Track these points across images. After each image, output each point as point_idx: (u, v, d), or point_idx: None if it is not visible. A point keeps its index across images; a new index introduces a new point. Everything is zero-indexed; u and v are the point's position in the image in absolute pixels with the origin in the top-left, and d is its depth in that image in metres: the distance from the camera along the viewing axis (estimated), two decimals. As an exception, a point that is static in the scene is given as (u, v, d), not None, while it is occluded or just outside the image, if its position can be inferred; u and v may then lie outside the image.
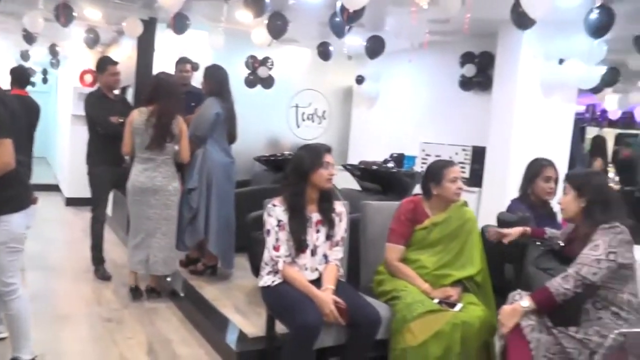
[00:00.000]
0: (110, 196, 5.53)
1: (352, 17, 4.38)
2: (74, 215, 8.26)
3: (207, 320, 4.04)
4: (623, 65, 5.99)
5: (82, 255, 5.38)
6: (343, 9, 4.30)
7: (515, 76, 5.19)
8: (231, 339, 3.67)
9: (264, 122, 7.69)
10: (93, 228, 5.07)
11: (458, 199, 3.26)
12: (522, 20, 4.14)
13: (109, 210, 5.46)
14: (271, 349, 3.30)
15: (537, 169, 3.68)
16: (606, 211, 2.72)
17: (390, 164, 6.61)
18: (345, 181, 7.18)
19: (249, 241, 3.76)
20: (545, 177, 3.62)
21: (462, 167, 5.94)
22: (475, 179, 5.83)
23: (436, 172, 3.25)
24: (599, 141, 9.13)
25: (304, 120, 8.17)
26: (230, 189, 4.90)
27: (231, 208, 4.88)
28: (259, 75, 7.19)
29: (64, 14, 5.49)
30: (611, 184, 8.75)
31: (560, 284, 2.62)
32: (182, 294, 4.59)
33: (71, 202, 8.99)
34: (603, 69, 6.30)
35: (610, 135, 9.87)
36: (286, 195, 3.06)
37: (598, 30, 4.43)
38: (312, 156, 3.05)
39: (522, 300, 2.69)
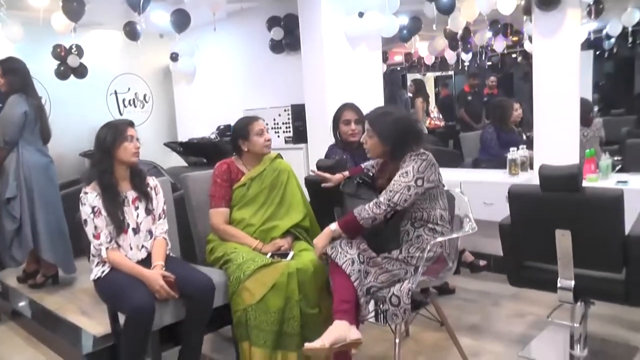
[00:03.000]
0: None
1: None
2: None
3: (52, 332, 3.88)
4: (422, 14, 6.39)
5: None
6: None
7: (320, 33, 5.32)
8: (78, 343, 3.57)
9: (85, 114, 7.26)
10: None
11: (269, 150, 3.37)
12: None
13: None
14: (119, 343, 3.19)
15: (337, 114, 3.89)
16: (406, 146, 2.87)
17: (212, 135, 6.63)
18: (175, 161, 7.15)
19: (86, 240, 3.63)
20: (344, 120, 3.82)
21: (287, 127, 6.12)
22: (300, 135, 6.02)
23: (242, 128, 3.33)
24: (417, 84, 9.81)
25: (125, 106, 7.90)
26: (54, 190, 4.62)
27: (59, 210, 4.63)
28: (69, 65, 6.79)
29: None
30: (436, 121, 9.53)
31: (370, 209, 2.75)
32: (23, 312, 4.35)
33: None
34: (405, 19, 6.71)
35: (431, 79, 10.63)
36: (96, 178, 2.98)
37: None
38: (114, 131, 2.98)
39: (331, 224, 2.84)
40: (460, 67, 8.83)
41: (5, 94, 4.50)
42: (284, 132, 6.21)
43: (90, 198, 2.94)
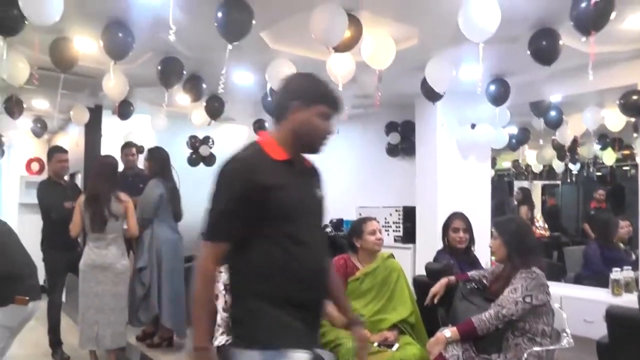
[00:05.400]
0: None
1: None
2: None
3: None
4: (531, 126, 6.65)
5: (38, 341, 5.39)
6: (272, 91, 4.72)
7: (434, 141, 5.74)
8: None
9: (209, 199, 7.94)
10: (49, 312, 5.10)
11: (379, 248, 3.70)
12: (431, 94, 4.71)
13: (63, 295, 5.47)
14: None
15: (447, 222, 4.19)
16: (523, 255, 3.17)
17: (328, 229, 7.02)
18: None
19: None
20: (453, 228, 4.11)
21: (397, 226, 6.41)
22: (409, 236, 6.27)
23: (357, 227, 3.72)
24: (524, 192, 9.80)
25: (246, 194, 8.44)
26: (179, 264, 5.15)
27: (181, 282, 5.11)
28: (200, 153, 7.52)
29: (16, 108, 5.69)
30: (540, 231, 9.39)
31: (484, 320, 3.04)
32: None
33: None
34: (514, 130, 6.97)
35: (537, 187, 10.59)
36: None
37: (497, 99, 5.08)
38: None
39: (445, 331, 3.09)
40: (568, 177, 8.78)
41: (147, 176, 5.18)
42: (393, 231, 6.48)
43: (224, 277, 3.33)
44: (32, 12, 3.40)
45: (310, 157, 2.20)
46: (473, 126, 5.66)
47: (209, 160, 7.64)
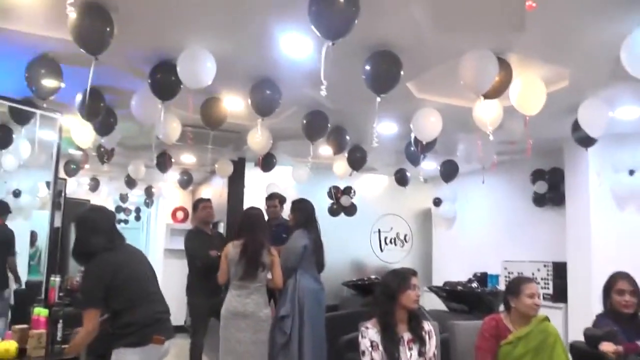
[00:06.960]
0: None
1: (425, 148, 4.76)
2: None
3: None
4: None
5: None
6: (417, 141, 4.68)
7: (587, 190, 5.37)
8: None
9: (349, 248, 8.01)
10: (192, 353, 5.33)
11: (535, 313, 3.42)
12: (583, 139, 4.40)
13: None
14: None
15: (610, 283, 3.76)
16: None
17: (474, 284, 6.72)
18: (432, 303, 7.35)
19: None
20: (617, 290, 3.67)
21: (545, 283, 6.01)
22: (559, 295, 5.85)
23: (515, 286, 3.48)
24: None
25: (386, 244, 8.44)
26: (321, 314, 5.14)
27: (322, 331, 5.09)
28: (341, 204, 7.59)
29: (168, 162, 6.11)
30: None
31: None
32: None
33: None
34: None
35: None
36: (377, 317, 3.30)
37: (660, 140, 4.64)
38: (399, 279, 3.32)
39: None
40: None
41: (292, 227, 5.27)
42: (542, 287, 6.07)
43: (371, 333, 3.27)
44: (188, 78, 3.66)
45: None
46: (631, 172, 5.22)
47: (350, 210, 7.67)
